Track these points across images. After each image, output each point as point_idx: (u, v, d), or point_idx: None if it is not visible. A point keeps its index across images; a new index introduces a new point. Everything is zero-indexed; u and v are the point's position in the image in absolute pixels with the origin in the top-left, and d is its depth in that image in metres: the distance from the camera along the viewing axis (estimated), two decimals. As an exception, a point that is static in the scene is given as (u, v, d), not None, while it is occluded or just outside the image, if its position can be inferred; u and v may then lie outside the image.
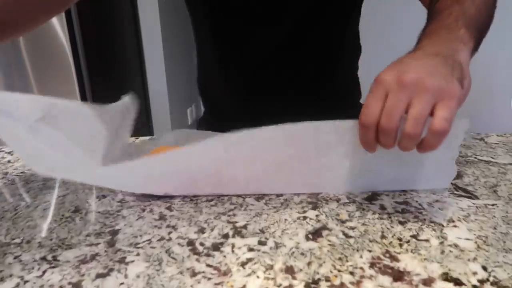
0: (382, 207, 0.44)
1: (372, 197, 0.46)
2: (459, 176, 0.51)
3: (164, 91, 2.28)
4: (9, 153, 0.68)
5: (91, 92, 1.75)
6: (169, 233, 0.40)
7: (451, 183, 0.49)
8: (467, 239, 0.37)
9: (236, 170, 0.47)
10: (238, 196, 0.48)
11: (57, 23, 1.59)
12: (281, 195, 0.48)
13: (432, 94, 0.34)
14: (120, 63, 2.05)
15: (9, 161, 0.64)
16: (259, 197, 0.48)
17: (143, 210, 0.46)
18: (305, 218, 0.42)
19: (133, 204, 0.47)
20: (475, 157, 0.57)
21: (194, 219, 0.43)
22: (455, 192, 0.47)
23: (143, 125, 2.30)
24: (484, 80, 2.16)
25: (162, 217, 0.44)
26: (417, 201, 0.45)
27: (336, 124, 0.43)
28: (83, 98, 1.71)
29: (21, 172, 0.59)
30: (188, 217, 0.43)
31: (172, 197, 0.49)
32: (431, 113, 0.34)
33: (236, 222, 0.42)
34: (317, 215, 0.43)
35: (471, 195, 0.46)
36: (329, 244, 0.37)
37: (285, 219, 0.42)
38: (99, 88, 1.80)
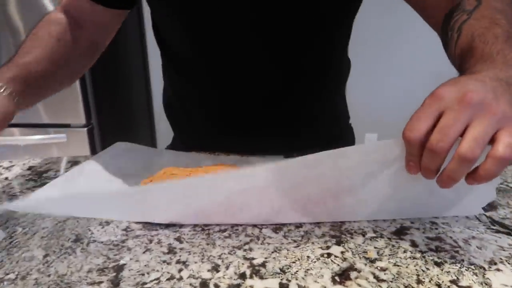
0: (414, 244, 0.40)
1: (401, 230, 0.42)
2: (493, 207, 0.47)
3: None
4: (7, 168, 0.65)
5: (94, 97, 1.72)
6: (180, 270, 0.36)
7: (486, 216, 0.45)
8: (515, 286, 0.33)
9: (249, 199, 0.43)
10: (254, 226, 0.44)
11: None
12: (301, 226, 0.44)
13: (496, 118, 0.30)
14: (124, 68, 2.02)
15: (6, 178, 0.60)
16: (276, 228, 0.44)
17: (150, 241, 0.42)
18: (329, 255, 0.38)
19: (139, 233, 0.43)
20: (506, 185, 0.53)
21: (207, 254, 0.39)
22: (492, 227, 0.43)
23: (146, 132, 2.26)
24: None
25: (171, 250, 0.40)
26: (451, 237, 0.41)
27: (358, 147, 0.39)
28: (86, 105, 1.67)
29: (20, 192, 0.55)
30: (200, 251, 0.39)
31: (181, 225, 0.45)
32: (490, 141, 0.31)
33: (253, 258, 0.38)
34: (342, 252, 0.39)
35: (509, 231, 0.42)
36: (360, 291, 0.33)
37: (308, 256, 0.38)
38: (101, 91, 1.76)
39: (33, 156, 1.62)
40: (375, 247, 0.39)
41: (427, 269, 0.36)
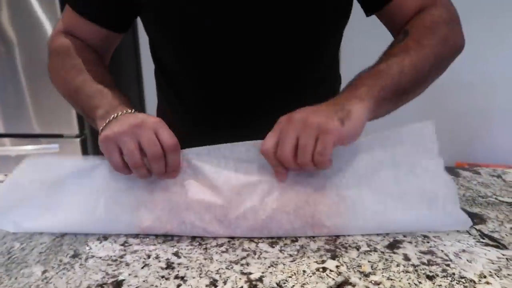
0: (406, 257, 0.41)
1: (394, 244, 0.43)
2: (482, 220, 0.48)
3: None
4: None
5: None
6: (178, 286, 0.37)
7: (476, 229, 0.46)
8: (504, 299, 0.34)
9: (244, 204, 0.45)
10: (250, 240, 0.45)
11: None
12: (296, 240, 0.45)
13: (313, 129, 0.42)
14: (117, 78, 2.02)
15: None
16: (273, 242, 0.44)
17: (148, 256, 0.42)
18: (324, 269, 0.39)
19: (137, 248, 0.44)
20: (495, 198, 0.54)
21: (205, 269, 0.40)
22: (481, 240, 0.44)
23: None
24: (480, 107, 2.16)
25: (169, 265, 0.40)
26: (442, 251, 0.42)
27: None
28: (79, 115, 1.67)
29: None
30: (198, 266, 0.40)
31: (178, 240, 0.45)
32: None
33: (250, 273, 0.39)
34: (337, 266, 0.40)
35: (498, 244, 0.43)
36: (355, 305, 0.34)
37: (304, 271, 0.39)
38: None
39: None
40: (369, 261, 0.40)
41: (420, 282, 0.37)
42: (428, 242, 0.44)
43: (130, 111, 0.48)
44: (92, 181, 0.48)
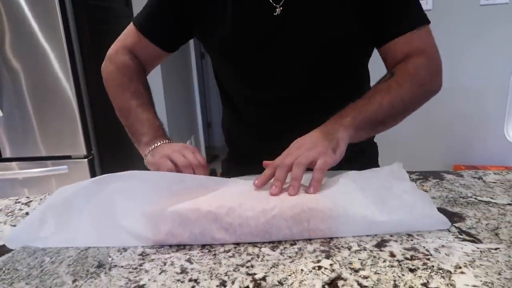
0: (392, 254, 0.46)
1: (381, 243, 0.49)
2: (461, 218, 0.54)
3: (164, 124, 2.31)
4: (26, 204, 0.71)
5: (93, 126, 1.78)
6: (193, 287, 0.42)
7: (455, 227, 0.52)
8: (474, 286, 0.39)
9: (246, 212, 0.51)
10: (254, 245, 0.50)
11: (58, 64, 1.64)
12: (294, 243, 0.50)
13: (313, 153, 0.57)
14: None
15: (27, 213, 0.66)
16: (274, 247, 0.50)
17: (164, 263, 0.48)
18: (320, 267, 0.45)
19: (154, 257, 0.49)
20: (475, 198, 0.60)
21: (215, 272, 0.45)
22: (459, 236, 0.49)
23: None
24: (477, 110, 2.21)
25: (183, 270, 0.46)
26: (424, 247, 0.47)
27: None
28: (86, 135, 1.73)
29: (41, 225, 0.61)
30: (209, 270, 0.46)
31: (190, 248, 0.51)
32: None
33: (254, 274, 0.44)
34: (331, 264, 0.45)
35: (474, 239, 0.49)
36: (346, 296, 0.39)
37: (301, 270, 0.44)
38: (101, 122, 1.83)
39: (32, 190, 1.66)
40: (359, 259, 0.46)
41: (403, 275, 0.42)
42: (411, 240, 0.49)
43: (167, 141, 0.70)
44: (109, 200, 0.54)
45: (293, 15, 0.67)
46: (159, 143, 0.69)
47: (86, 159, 1.75)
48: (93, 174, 1.80)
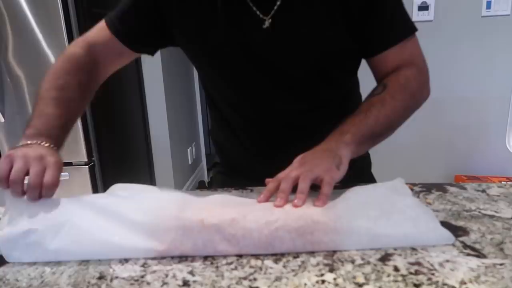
0: (396, 268, 0.46)
1: (385, 257, 0.49)
2: (466, 232, 0.53)
3: (165, 132, 2.32)
4: None
5: (94, 133, 1.78)
6: (195, 300, 0.42)
7: (459, 241, 0.51)
8: (480, 302, 0.39)
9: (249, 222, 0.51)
10: (257, 258, 0.50)
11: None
12: (298, 256, 0.50)
13: (318, 170, 0.57)
14: (122, 104, 2.10)
15: None
16: (277, 259, 0.50)
17: (166, 275, 0.47)
18: (323, 282, 0.44)
19: (155, 268, 0.49)
20: (479, 211, 0.59)
21: (217, 285, 0.45)
22: (464, 250, 0.49)
23: (144, 166, 2.32)
24: (478, 120, 2.22)
25: (185, 283, 0.45)
26: (428, 261, 0.47)
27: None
28: (87, 143, 1.73)
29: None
30: (211, 282, 0.45)
31: (192, 259, 0.50)
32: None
33: (257, 287, 0.44)
34: (334, 279, 0.45)
35: (479, 254, 0.48)
36: (350, 311, 0.39)
37: (305, 284, 0.44)
38: (102, 129, 1.83)
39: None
40: (362, 273, 0.45)
41: (407, 290, 0.42)
42: (416, 254, 0.49)
43: (45, 144, 0.59)
44: (108, 213, 0.54)
45: (282, 28, 0.67)
46: (35, 142, 0.59)
47: (87, 166, 1.75)
48: (93, 181, 1.79)
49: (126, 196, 0.59)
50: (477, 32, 2.09)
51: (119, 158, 2.04)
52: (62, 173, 1.20)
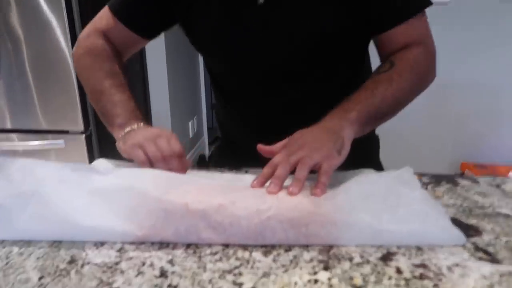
0: (399, 270, 0.41)
1: (387, 256, 0.44)
2: (478, 233, 0.48)
3: (166, 105, 2.26)
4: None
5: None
6: (171, 295, 0.38)
7: (470, 242, 0.46)
8: (493, 317, 0.34)
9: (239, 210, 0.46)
10: (244, 249, 0.45)
11: (60, 34, 1.58)
12: (290, 249, 0.45)
13: (318, 156, 0.52)
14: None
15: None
16: (266, 251, 0.45)
17: (143, 264, 0.43)
18: (316, 281, 0.39)
19: (132, 255, 0.44)
20: (493, 209, 0.54)
21: (198, 278, 0.40)
22: (475, 253, 0.44)
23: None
24: (489, 107, 2.13)
25: (163, 274, 0.41)
26: (435, 264, 0.42)
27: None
28: (84, 111, 1.68)
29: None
30: (191, 275, 0.41)
31: (174, 247, 0.46)
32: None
33: (242, 283, 0.39)
34: (329, 278, 0.40)
35: (492, 258, 0.43)
36: (344, 320, 0.34)
37: (295, 282, 0.39)
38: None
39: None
40: (361, 273, 0.41)
41: (410, 297, 0.37)
42: (421, 255, 0.44)
43: (142, 125, 0.63)
44: (84, 189, 0.49)
45: (277, 5, 0.62)
46: (133, 127, 0.63)
47: (84, 135, 1.70)
48: (90, 150, 1.75)
49: (104, 171, 0.53)
50: (494, 17, 1.98)
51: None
52: (57, 141, 1.16)
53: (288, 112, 0.73)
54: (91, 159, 1.75)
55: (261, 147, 0.57)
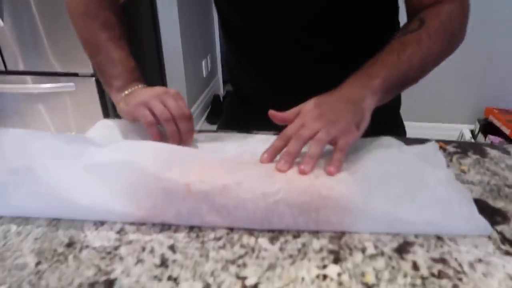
0: (415, 266, 0.38)
1: (404, 247, 0.40)
2: (506, 219, 0.44)
3: (178, 42, 2.16)
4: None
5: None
6: (170, 289, 0.36)
7: (497, 231, 0.42)
8: (517, 329, 0.31)
9: (244, 192, 0.43)
10: (250, 234, 0.43)
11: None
12: (299, 236, 0.42)
13: (335, 130, 0.47)
14: (132, 12, 1.93)
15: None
16: (273, 238, 0.42)
17: (143, 249, 0.41)
18: (325, 277, 0.37)
19: (132, 237, 0.42)
20: (524, 189, 0.49)
21: (199, 269, 0.38)
22: (502, 246, 0.40)
23: (156, 79, 2.22)
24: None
25: (163, 263, 0.39)
26: (456, 259, 0.39)
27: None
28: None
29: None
30: (193, 265, 0.38)
31: (176, 229, 0.43)
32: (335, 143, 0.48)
33: (246, 277, 0.37)
34: (339, 274, 0.37)
35: (520, 253, 0.39)
36: (353, 328, 0.32)
37: (302, 278, 0.37)
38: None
39: (47, 106, 1.60)
40: (374, 268, 0.38)
41: (426, 300, 0.34)
42: (441, 247, 0.40)
43: (142, 86, 0.59)
44: (79, 164, 0.45)
45: None
46: (133, 89, 0.59)
47: (93, 78, 1.66)
48: (101, 93, 1.72)
49: (101, 142, 0.50)
50: None
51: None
52: (67, 84, 1.13)
53: (309, 68, 0.67)
54: (103, 101, 1.72)
55: (272, 113, 0.52)
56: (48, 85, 1.70)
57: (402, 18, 0.65)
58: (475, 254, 0.39)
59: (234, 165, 0.47)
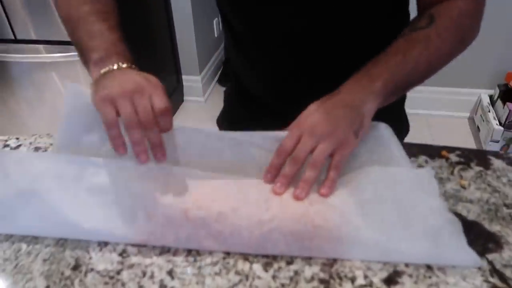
0: (402, 299, 0.39)
1: (393, 278, 0.42)
2: (499, 246, 0.45)
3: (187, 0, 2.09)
4: (14, 148, 0.65)
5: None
6: (168, 320, 0.38)
7: (488, 260, 0.43)
8: None
9: (240, 220, 0.44)
10: (245, 260, 0.44)
11: None
12: (292, 262, 0.44)
13: (332, 144, 0.47)
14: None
15: (14, 165, 0.61)
16: (267, 264, 0.44)
17: (144, 274, 0.43)
18: (314, 310, 0.39)
19: (134, 261, 0.45)
20: (522, 211, 0.49)
21: (195, 298, 0.40)
22: (490, 279, 0.41)
23: (165, 39, 2.17)
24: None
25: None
26: (443, 292, 0.40)
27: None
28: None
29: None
30: (189, 293, 0.41)
31: (175, 252, 0.46)
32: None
33: (238, 308, 0.39)
34: (327, 307, 0.39)
35: (508, 287, 0.40)
36: None
37: (292, 310, 0.39)
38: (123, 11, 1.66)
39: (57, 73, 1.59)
40: (361, 302, 0.39)
41: None
42: (430, 277, 0.41)
43: (123, 65, 0.49)
44: (81, 186, 0.47)
45: None
46: (111, 67, 0.49)
47: (102, 47, 1.64)
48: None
49: (101, 163, 0.50)
50: None
51: (140, 45, 1.89)
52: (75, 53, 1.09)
53: (308, 65, 0.65)
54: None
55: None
56: (60, 54, 1.70)
57: (413, 12, 0.62)
58: (462, 287, 0.40)
59: (230, 187, 0.48)
